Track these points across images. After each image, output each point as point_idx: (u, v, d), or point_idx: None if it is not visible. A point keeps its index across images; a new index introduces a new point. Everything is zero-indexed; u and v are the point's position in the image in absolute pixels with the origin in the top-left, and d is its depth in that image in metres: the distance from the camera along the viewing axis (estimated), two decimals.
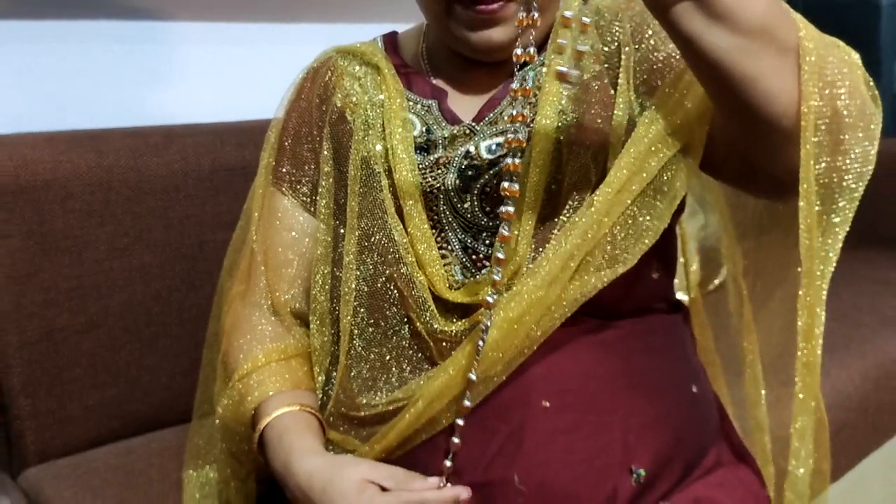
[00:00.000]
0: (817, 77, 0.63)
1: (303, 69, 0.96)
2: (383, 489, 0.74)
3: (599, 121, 0.79)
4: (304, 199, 0.91)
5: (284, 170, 0.92)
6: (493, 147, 0.81)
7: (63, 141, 1.16)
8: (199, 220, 1.24)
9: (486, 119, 0.84)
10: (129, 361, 1.21)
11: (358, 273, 0.83)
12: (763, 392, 0.88)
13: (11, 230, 1.10)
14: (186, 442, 0.98)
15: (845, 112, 0.64)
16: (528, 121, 0.76)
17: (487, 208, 0.81)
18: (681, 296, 1.04)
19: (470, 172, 0.81)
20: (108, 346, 1.19)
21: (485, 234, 0.81)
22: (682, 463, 0.78)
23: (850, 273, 1.88)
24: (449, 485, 0.75)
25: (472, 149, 0.82)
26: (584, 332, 0.78)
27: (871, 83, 0.68)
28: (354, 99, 0.88)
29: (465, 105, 0.86)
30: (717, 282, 1.17)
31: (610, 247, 0.74)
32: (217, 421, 0.88)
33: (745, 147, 0.72)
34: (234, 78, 1.48)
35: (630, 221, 0.74)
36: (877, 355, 1.47)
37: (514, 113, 0.73)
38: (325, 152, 0.88)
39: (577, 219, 0.74)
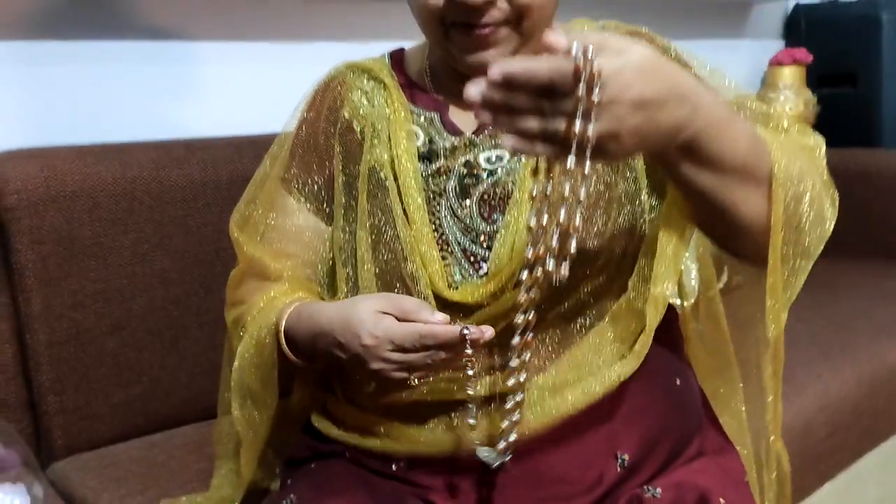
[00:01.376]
0: (786, 196, 0.74)
1: (315, 83, 1.01)
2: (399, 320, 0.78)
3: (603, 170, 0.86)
4: (310, 201, 0.96)
5: (293, 173, 0.97)
6: (492, 158, 0.88)
7: (91, 153, 1.23)
8: (216, 227, 1.30)
9: (486, 132, 0.90)
10: (151, 361, 1.27)
11: (373, 267, 0.88)
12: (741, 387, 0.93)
13: (42, 237, 1.16)
14: (213, 433, 1.03)
15: (804, 218, 0.77)
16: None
17: (485, 213, 0.86)
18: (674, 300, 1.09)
19: (469, 180, 0.87)
20: (132, 347, 1.25)
21: (482, 238, 0.86)
22: (666, 450, 0.84)
23: (848, 283, 1.92)
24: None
25: (471, 159, 0.88)
26: (577, 325, 0.84)
27: (833, 188, 0.83)
28: (362, 111, 0.94)
29: (465, 118, 0.92)
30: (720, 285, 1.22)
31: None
32: (236, 365, 0.92)
33: (715, 240, 0.82)
34: (251, 93, 1.53)
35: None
36: (871, 361, 1.50)
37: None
38: (337, 160, 0.94)
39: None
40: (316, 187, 0.96)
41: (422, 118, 0.93)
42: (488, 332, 0.74)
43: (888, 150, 2.32)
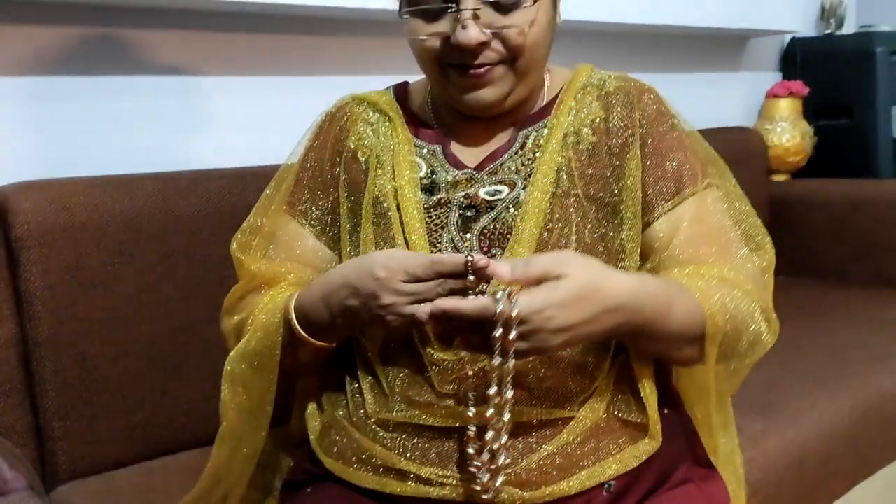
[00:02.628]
0: (718, 348, 0.85)
1: (322, 112, 1.04)
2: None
3: (592, 191, 0.90)
4: (313, 226, 0.99)
5: (298, 198, 1.00)
6: (493, 193, 0.91)
7: (99, 185, 1.26)
8: (221, 257, 1.32)
9: (487, 168, 0.93)
10: (153, 388, 1.29)
11: None
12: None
13: (51, 266, 1.19)
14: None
15: (738, 351, 0.88)
16: (526, 175, 0.87)
17: (485, 247, 0.89)
18: None
19: (469, 213, 0.90)
20: (135, 374, 1.27)
21: None
22: (652, 476, 0.86)
23: (843, 311, 1.93)
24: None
25: (472, 192, 0.91)
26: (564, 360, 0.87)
27: (772, 312, 0.92)
28: (367, 142, 0.98)
29: (467, 152, 0.96)
30: None
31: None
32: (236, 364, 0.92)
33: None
34: (254, 126, 1.57)
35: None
36: (865, 390, 1.51)
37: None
38: (342, 188, 0.97)
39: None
40: (320, 212, 0.98)
41: (425, 150, 0.96)
42: (492, 262, 0.76)
43: (884, 180, 2.35)
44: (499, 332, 0.72)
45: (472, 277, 0.76)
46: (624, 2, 1.95)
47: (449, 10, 0.86)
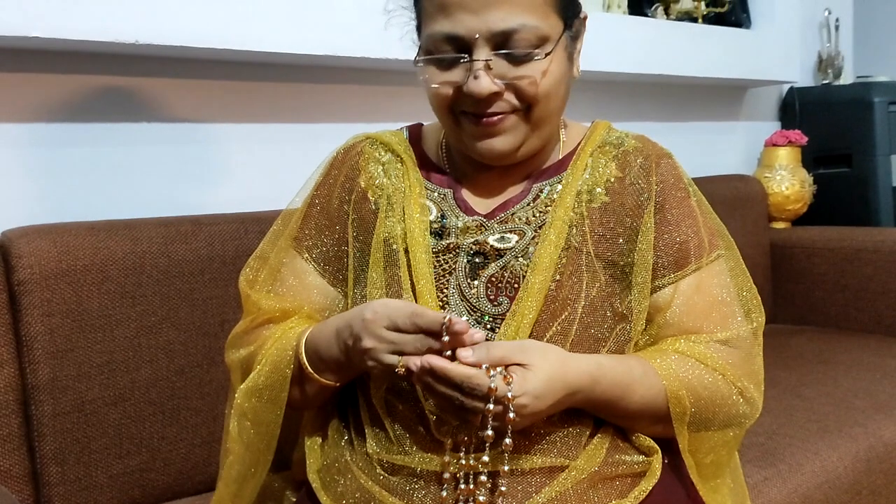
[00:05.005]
0: (688, 423, 0.89)
1: (333, 150, 1.05)
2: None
3: (599, 250, 0.91)
4: (318, 263, 0.99)
5: (305, 234, 1.00)
6: (502, 241, 0.91)
7: (102, 229, 1.27)
8: (221, 300, 1.34)
9: (498, 217, 0.93)
10: (151, 432, 1.29)
11: None
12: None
13: (52, 309, 1.20)
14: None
15: (717, 428, 0.90)
16: (537, 225, 0.89)
17: (492, 295, 0.89)
18: None
19: (478, 260, 0.91)
20: (134, 418, 1.27)
21: (486, 318, 0.89)
22: None
23: (846, 359, 1.92)
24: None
25: (481, 239, 0.92)
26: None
27: (753, 383, 0.94)
28: (378, 182, 0.98)
29: (478, 198, 0.96)
30: None
31: None
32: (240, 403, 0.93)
33: None
34: (255, 172, 1.59)
35: None
36: (868, 438, 1.50)
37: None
38: (350, 227, 0.98)
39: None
40: (325, 249, 0.99)
41: (436, 193, 0.96)
42: (469, 328, 0.79)
43: (884, 229, 2.36)
44: (491, 407, 0.77)
45: (446, 338, 0.78)
46: (625, 52, 1.99)
47: (462, 61, 0.87)
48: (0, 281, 1.19)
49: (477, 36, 0.85)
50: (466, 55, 0.86)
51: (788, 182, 2.37)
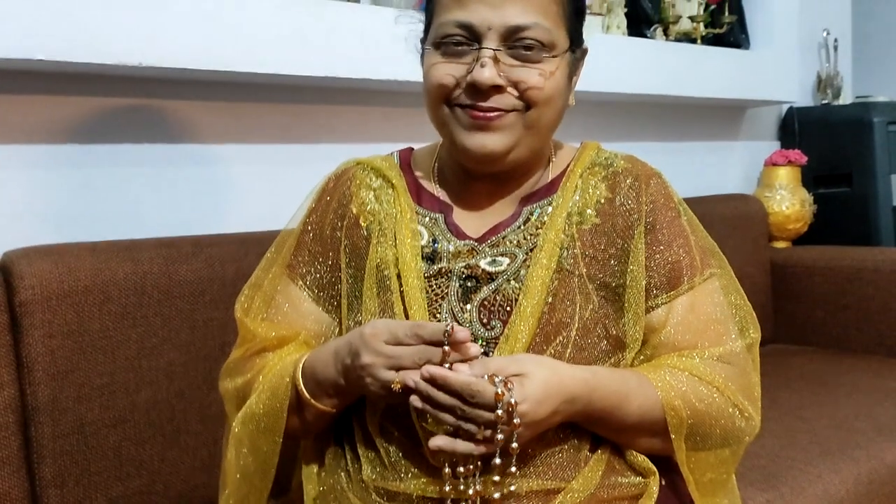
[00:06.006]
0: (685, 437, 0.88)
1: (325, 176, 1.06)
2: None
3: (589, 270, 0.91)
4: (311, 290, 0.99)
5: (299, 260, 1.00)
6: (494, 264, 0.91)
7: (103, 250, 1.27)
8: (221, 322, 1.34)
9: (489, 241, 0.94)
10: (151, 455, 1.28)
11: None
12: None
13: (53, 331, 1.20)
14: None
15: (714, 444, 0.90)
16: (528, 248, 0.89)
17: (485, 319, 0.89)
18: None
19: (470, 284, 0.91)
20: (134, 440, 1.26)
21: (480, 342, 0.89)
22: None
23: (847, 381, 1.92)
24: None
25: (472, 263, 0.92)
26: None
27: (748, 400, 0.94)
28: (369, 208, 0.99)
29: (469, 222, 0.96)
30: None
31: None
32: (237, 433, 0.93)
33: None
34: (256, 193, 1.60)
35: None
36: (870, 461, 1.49)
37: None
38: (343, 253, 0.98)
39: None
40: (319, 276, 0.99)
41: (427, 218, 0.97)
42: (469, 338, 0.80)
43: (886, 248, 2.36)
44: (500, 412, 0.77)
45: (447, 348, 0.78)
46: (625, 72, 2.00)
47: (471, 48, 0.88)
48: (1, 302, 1.19)
49: (489, 28, 0.87)
50: (476, 43, 0.88)
51: (789, 201, 2.37)
